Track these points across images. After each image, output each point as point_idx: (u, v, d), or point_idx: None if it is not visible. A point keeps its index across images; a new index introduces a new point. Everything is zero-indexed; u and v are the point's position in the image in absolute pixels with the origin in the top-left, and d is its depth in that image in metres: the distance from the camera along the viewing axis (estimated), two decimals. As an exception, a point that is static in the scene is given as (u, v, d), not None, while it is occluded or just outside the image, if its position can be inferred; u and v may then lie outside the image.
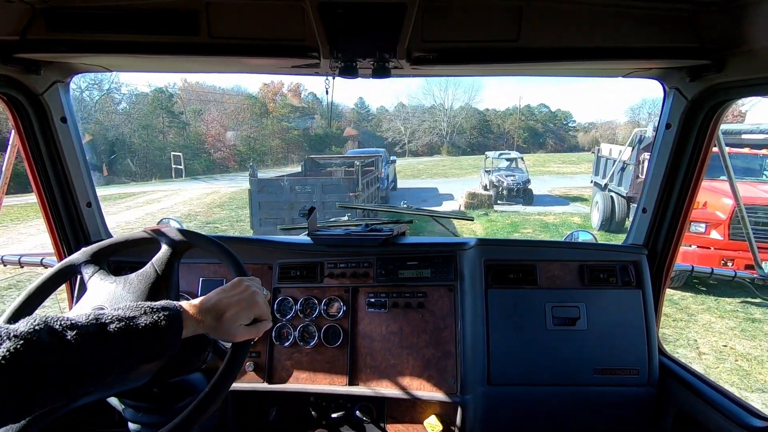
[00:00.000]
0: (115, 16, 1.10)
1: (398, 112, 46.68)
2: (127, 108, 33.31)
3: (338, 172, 10.42)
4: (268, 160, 38.90)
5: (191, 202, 14.65)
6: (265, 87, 43.50)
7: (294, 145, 41.12)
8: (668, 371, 1.50)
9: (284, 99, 43.85)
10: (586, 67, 1.33)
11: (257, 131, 39.44)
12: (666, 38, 1.13)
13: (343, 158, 13.27)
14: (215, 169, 32.68)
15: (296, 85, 44.73)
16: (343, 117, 47.91)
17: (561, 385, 1.51)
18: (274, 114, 41.98)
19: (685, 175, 1.44)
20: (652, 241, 1.59)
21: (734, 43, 1.05)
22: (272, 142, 40.18)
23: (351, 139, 43.05)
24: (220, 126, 36.62)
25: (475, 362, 1.47)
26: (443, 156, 41.33)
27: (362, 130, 46.65)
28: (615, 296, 1.54)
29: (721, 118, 1.34)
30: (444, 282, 1.50)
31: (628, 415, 1.52)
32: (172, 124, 34.17)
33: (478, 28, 1.13)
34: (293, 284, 1.56)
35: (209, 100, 38.87)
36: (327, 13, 1.03)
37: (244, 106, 40.16)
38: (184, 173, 25.42)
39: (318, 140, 42.17)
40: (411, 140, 44.01)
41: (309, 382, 1.48)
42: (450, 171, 25.46)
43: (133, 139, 30.47)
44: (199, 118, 36.52)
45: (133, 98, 33.86)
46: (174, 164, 25.20)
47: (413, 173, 24.19)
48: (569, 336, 1.52)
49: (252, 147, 38.52)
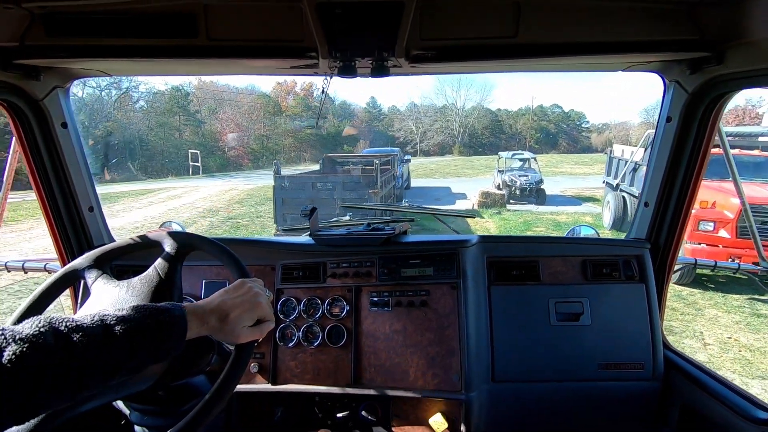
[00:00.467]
0: (113, 21, 1.11)
1: (410, 111, 47.04)
2: (145, 106, 34.23)
3: (355, 170, 10.79)
4: (281, 158, 39.58)
5: (211, 198, 15.17)
6: (278, 86, 44.12)
7: (306, 143, 41.72)
8: (673, 365, 1.51)
9: (296, 98, 44.48)
10: (586, 62, 1.32)
11: (270, 130, 40.13)
12: (666, 31, 1.13)
13: (359, 157, 13.68)
14: (229, 166, 33.38)
15: (309, 84, 45.33)
16: (355, 116, 48.39)
17: (565, 381, 1.52)
18: (287, 113, 42.64)
19: (686, 169, 1.45)
20: (655, 235, 1.60)
21: (734, 35, 1.05)
22: (285, 141, 40.84)
23: (362, 138, 43.50)
24: (234, 124, 37.30)
25: (479, 359, 1.48)
26: (455, 156, 41.54)
27: (373, 129, 47.06)
28: (618, 291, 1.55)
29: (722, 110, 1.34)
30: (447, 280, 1.52)
31: (634, 410, 1.53)
32: (187, 122, 34.94)
33: (476, 25, 1.14)
34: (296, 285, 1.58)
35: (224, 99, 39.61)
36: (325, 13, 1.04)
37: (257, 105, 40.82)
38: (201, 170, 26.08)
39: (330, 139, 42.72)
40: (422, 140, 44.28)
41: (313, 383, 1.49)
42: (462, 171, 25.71)
43: (149, 136, 31.34)
44: (213, 116, 37.26)
45: (150, 96, 34.82)
46: (191, 161, 25.91)
47: (425, 172, 24.48)
48: (573, 331, 1.53)
49: (265, 145, 39.23)
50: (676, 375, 1.49)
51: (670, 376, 1.50)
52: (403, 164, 14.77)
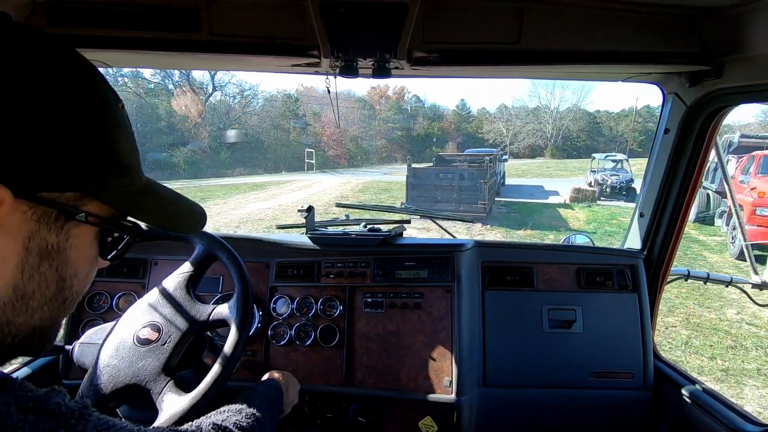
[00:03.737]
0: (116, 12, 1.13)
1: (500, 113, 48.30)
2: (261, 108, 40.73)
3: (463, 166, 13.54)
4: (373, 158, 43.92)
5: (336, 189, 19.12)
6: (372, 90, 48.49)
7: (397, 144, 45.52)
8: (663, 375, 1.55)
9: (388, 101, 48.50)
10: (586, 71, 1.37)
11: (364, 132, 44.64)
12: (666, 43, 1.16)
13: (465, 156, 16.51)
14: (329, 164, 38.36)
15: (401, 88, 49.16)
16: (444, 118, 51.11)
17: (556, 388, 1.56)
18: (380, 116, 46.89)
19: (682, 181, 1.49)
20: (649, 246, 1.65)
21: (734, 49, 1.08)
22: (377, 142, 45.08)
23: (450, 141, 46.00)
24: (335, 127, 42.35)
25: (471, 363, 1.52)
26: (546, 159, 42.13)
27: (462, 131, 49.30)
28: (611, 300, 1.60)
29: (719, 124, 1.38)
30: (441, 283, 1.56)
31: (624, 419, 1.57)
32: (296, 124, 40.70)
33: (478, 30, 1.17)
34: (290, 283, 1.63)
35: (325, 104, 44.95)
36: (328, 12, 1.07)
37: (354, 108, 45.55)
38: (315, 167, 31.15)
39: (420, 140, 46.05)
40: (513, 142, 45.42)
41: (304, 382, 1.48)
42: (555, 172, 27.17)
43: (262, 136, 37.47)
44: (317, 119, 42.68)
45: (264, 102, 41.34)
46: (307, 159, 31.09)
47: (518, 173, 26.44)
48: (565, 339, 1.57)
49: (359, 146, 43.84)
50: (666, 385, 1.53)
51: (661, 386, 1.55)
52: (501, 163, 17.33)
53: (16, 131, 0.41)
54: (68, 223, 0.49)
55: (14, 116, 0.41)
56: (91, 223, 0.52)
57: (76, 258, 0.52)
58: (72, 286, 0.53)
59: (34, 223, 0.46)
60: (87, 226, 0.52)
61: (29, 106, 0.42)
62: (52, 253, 0.49)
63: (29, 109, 0.42)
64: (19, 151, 0.42)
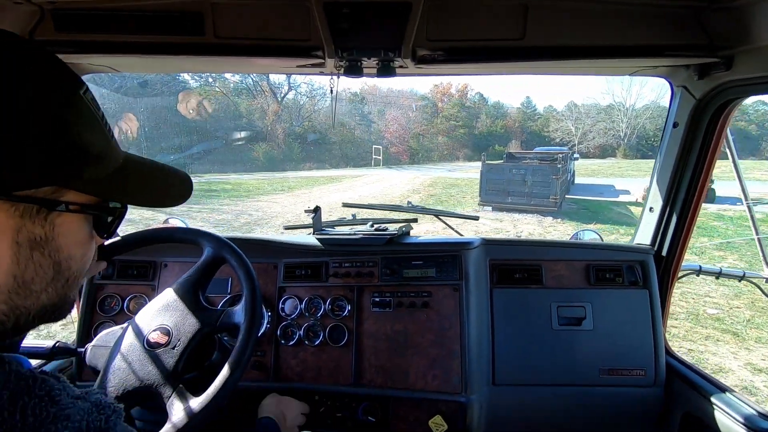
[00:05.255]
0: (122, 17, 1.16)
1: (569, 111, 47.15)
2: (329, 107, 43.06)
3: (533, 163, 14.21)
4: (435, 155, 44.95)
5: (405, 184, 20.54)
6: (435, 88, 49.36)
7: (459, 142, 46.16)
8: (675, 372, 1.56)
9: (451, 99, 49.15)
10: (593, 66, 1.37)
11: (425, 129, 45.76)
12: (673, 36, 1.16)
13: (534, 153, 17.26)
14: (391, 161, 39.96)
15: (464, 86, 49.58)
16: (508, 116, 50.80)
17: (566, 386, 1.57)
18: (443, 113, 47.73)
19: (692, 175, 1.50)
20: (659, 241, 1.66)
21: (743, 41, 1.08)
22: (438, 140, 45.99)
23: (514, 139, 45.77)
24: (398, 125, 43.92)
25: (480, 362, 1.54)
26: (618, 159, 40.66)
27: (526, 129, 48.75)
28: (621, 296, 1.61)
29: (729, 117, 1.38)
30: (449, 281, 1.58)
31: (635, 416, 1.59)
32: (361, 122, 42.80)
33: (483, 27, 1.18)
34: (298, 283, 1.66)
35: (389, 102, 46.67)
36: (332, 12, 1.09)
37: (417, 106, 46.79)
38: (382, 162, 33.03)
39: (482, 138, 46.32)
40: (582, 141, 44.21)
41: (314, 381, 1.55)
42: (626, 172, 26.62)
43: (329, 133, 39.85)
44: (381, 117, 44.49)
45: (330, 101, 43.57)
46: (374, 155, 33.04)
47: (587, 173, 26.27)
48: (575, 336, 1.59)
49: (421, 143, 45.05)
50: (678, 382, 1.54)
51: (672, 383, 1.56)
52: (572, 161, 17.83)
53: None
54: (51, 214, 0.51)
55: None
56: (73, 211, 0.54)
57: (67, 243, 0.55)
58: (70, 267, 0.56)
59: (18, 219, 0.48)
60: (70, 213, 0.54)
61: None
62: (41, 243, 0.51)
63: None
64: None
